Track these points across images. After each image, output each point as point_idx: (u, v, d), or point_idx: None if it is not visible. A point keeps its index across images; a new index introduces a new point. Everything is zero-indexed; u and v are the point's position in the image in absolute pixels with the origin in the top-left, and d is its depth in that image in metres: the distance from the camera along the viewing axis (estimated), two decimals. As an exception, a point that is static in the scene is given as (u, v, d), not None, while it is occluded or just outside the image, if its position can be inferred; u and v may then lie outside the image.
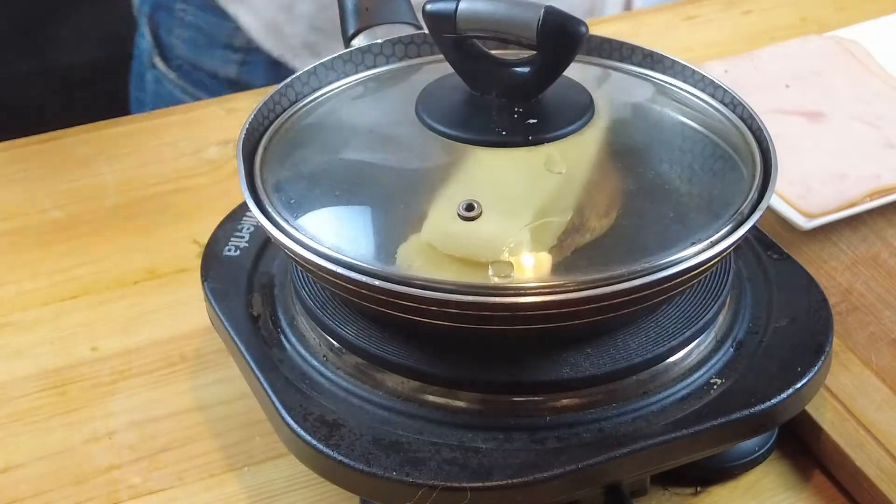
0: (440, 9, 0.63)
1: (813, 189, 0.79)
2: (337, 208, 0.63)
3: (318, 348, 0.65)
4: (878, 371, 0.69)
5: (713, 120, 0.67)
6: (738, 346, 0.65)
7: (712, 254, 0.59)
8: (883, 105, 0.87)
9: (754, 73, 0.91)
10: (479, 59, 0.64)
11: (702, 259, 0.59)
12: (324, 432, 0.61)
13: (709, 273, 0.65)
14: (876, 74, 0.90)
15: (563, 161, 0.62)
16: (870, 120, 0.86)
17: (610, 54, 0.72)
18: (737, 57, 0.93)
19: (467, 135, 0.63)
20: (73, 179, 0.91)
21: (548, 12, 0.61)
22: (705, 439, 0.61)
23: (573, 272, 0.58)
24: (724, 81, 0.69)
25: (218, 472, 0.68)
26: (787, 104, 0.87)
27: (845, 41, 0.94)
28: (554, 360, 0.62)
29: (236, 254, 0.72)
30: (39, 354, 0.76)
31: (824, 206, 0.78)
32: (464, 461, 0.59)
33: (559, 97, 0.64)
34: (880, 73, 0.91)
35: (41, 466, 0.69)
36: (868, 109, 0.87)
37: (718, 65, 0.91)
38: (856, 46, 0.93)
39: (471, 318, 0.58)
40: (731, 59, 0.93)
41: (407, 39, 0.72)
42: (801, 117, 0.86)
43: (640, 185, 0.63)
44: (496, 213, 0.59)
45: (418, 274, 0.58)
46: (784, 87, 0.89)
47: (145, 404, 0.72)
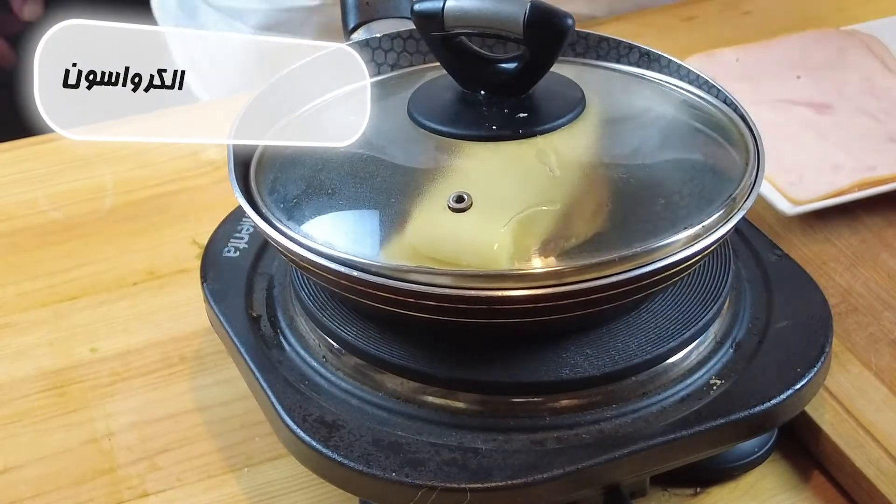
0: (427, 7, 0.64)
1: (806, 178, 0.79)
2: (328, 206, 0.63)
3: (318, 349, 0.66)
4: (878, 372, 0.69)
5: (706, 114, 0.67)
6: (737, 347, 0.65)
7: (705, 238, 0.59)
8: (892, 101, 0.87)
9: (767, 62, 0.91)
10: (468, 55, 0.65)
11: (693, 243, 0.59)
12: (323, 433, 0.61)
13: (704, 262, 0.65)
14: (891, 70, 0.90)
15: (553, 153, 0.62)
16: (876, 114, 0.85)
17: (607, 53, 0.72)
18: (750, 45, 0.93)
19: (458, 130, 0.63)
20: (72, 180, 0.91)
21: (533, 6, 0.61)
22: (705, 440, 0.61)
23: (564, 259, 0.58)
24: (735, 69, 0.68)
25: (217, 473, 0.68)
26: (796, 94, 0.87)
27: (863, 35, 0.94)
28: (553, 361, 0.62)
29: (236, 255, 0.73)
30: (39, 355, 0.76)
31: (813, 195, 0.78)
32: (463, 462, 0.59)
33: (550, 92, 0.65)
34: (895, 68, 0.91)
35: (40, 467, 0.69)
36: (876, 104, 0.87)
37: (730, 53, 0.91)
38: (874, 41, 0.93)
39: (460, 311, 0.59)
40: (745, 47, 0.93)
41: (406, 34, 0.72)
42: (808, 108, 0.86)
43: (632, 174, 0.63)
44: (486, 205, 0.60)
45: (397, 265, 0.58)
46: (795, 77, 0.89)
47: (144, 405, 0.72)
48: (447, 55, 0.65)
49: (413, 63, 0.73)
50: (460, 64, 0.65)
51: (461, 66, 0.65)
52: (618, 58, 0.72)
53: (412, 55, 0.72)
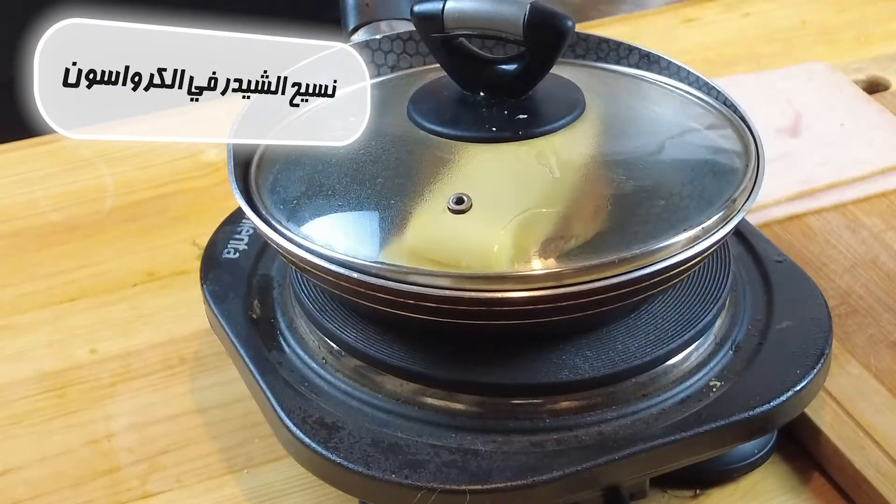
0: (427, 9, 0.64)
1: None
2: (328, 207, 0.63)
3: (318, 351, 0.65)
4: (878, 373, 0.69)
5: (706, 116, 0.67)
6: (737, 349, 0.65)
7: (704, 239, 0.59)
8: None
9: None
10: (467, 57, 0.65)
11: (693, 244, 0.59)
12: (323, 434, 0.61)
13: (704, 262, 0.65)
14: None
15: (553, 155, 0.62)
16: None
17: (607, 54, 0.72)
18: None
19: (458, 132, 0.63)
20: (72, 181, 0.91)
21: (533, 7, 0.61)
22: (704, 442, 0.61)
23: (564, 261, 0.58)
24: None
25: (217, 475, 0.68)
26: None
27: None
28: (553, 363, 0.62)
29: (235, 256, 0.73)
30: (39, 357, 0.76)
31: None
32: (463, 463, 0.59)
33: (550, 94, 0.65)
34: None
35: (40, 469, 0.69)
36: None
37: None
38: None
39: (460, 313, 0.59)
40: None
41: (406, 35, 0.72)
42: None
43: (631, 176, 0.63)
44: (486, 206, 0.60)
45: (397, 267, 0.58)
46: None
47: (144, 407, 0.72)
48: (447, 56, 0.65)
49: (413, 64, 0.73)
50: (460, 65, 0.65)
51: (461, 68, 0.65)
52: (618, 59, 0.72)
53: (412, 56, 0.72)
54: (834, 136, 0.89)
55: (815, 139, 0.89)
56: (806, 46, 1.05)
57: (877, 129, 0.89)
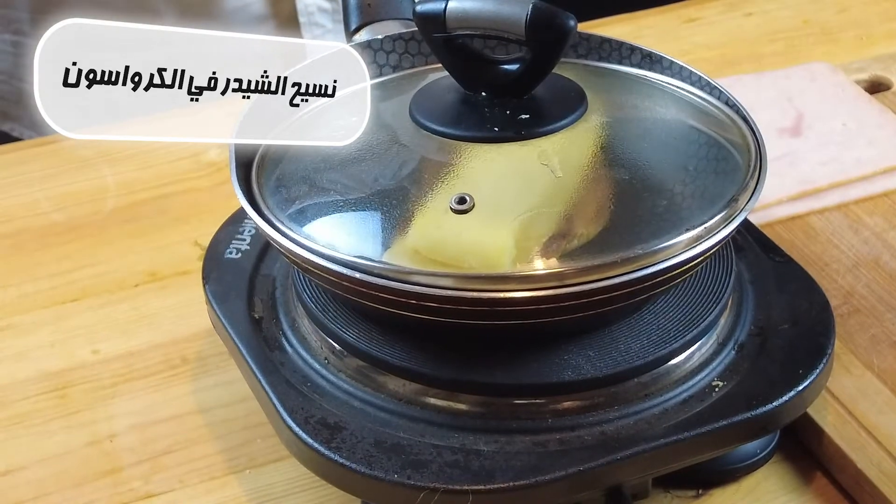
0: (429, 9, 0.64)
1: None
2: (330, 208, 0.63)
3: (320, 351, 0.65)
4: (880, 373, 0.69)
5: (708, 115, 0.67)
6: (739, 349, 0.65)
7: (707, 239, 0.59)
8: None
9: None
10: (469, 57, 0.65)
11: (696, 244, 0.59)
12: (325, 435, 0.61)
13: (706, 262, 0.65)
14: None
15: (556, 155, 0.62)
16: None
17: (609, 54, 0.72)
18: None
19: (460, 132, 0.63)
20: (73, 182, 0.91)
21: (535, 7, 0.61)
22: (707, 442, 0.61)
23: (566, 261, 0.58)
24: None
25: (219, 475, 0.68)
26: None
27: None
28: (555, 363, 0.62)
29: (238, 256, 0.72)
30: (40, 357, 0.76)
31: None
32: (465, 464, 0.59)
33: (552, 93, 0.65)
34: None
35: (42, 469, 0.69)
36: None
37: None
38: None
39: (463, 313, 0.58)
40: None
41: (408, 35, 0.72)
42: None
43: (634, 176, 0.62)
44: (489, 206, 0.60)
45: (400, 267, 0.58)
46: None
47: (146, 407, 0.72)
48: (449, 57, 0.65)
49: (415, 65, 0.73)
50: (462, 65, 0.65)
51: (463, 68, 0.65)
52: (620, 59, 0.72)
53: (414, 57, 0.72)
54: (836, 135, 0.89)
55: (816, 139, 0.89)
56: (808, 46, 1.05)
57: (879, 128, 0.89)
